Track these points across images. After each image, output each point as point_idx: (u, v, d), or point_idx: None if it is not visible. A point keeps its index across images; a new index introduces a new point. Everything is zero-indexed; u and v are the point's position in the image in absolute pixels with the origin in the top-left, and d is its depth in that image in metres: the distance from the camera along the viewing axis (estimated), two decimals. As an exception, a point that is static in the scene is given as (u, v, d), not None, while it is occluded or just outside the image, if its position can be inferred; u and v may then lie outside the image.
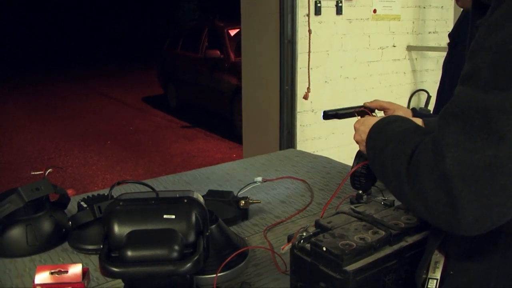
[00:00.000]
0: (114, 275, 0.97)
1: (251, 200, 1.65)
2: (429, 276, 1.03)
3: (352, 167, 1.61)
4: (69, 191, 1.71)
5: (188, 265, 0.96)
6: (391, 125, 1.04)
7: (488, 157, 0.76)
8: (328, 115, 1.68)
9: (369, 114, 1.62)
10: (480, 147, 0.76)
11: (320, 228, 1.13)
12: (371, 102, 1.65)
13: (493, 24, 0.80)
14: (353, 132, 1.35)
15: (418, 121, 1.33)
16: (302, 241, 1.08)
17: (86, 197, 1.57)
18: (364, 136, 1.15)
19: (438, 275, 1.02)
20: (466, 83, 0.82)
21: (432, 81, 5.13)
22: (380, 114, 1.62)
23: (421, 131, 0.96)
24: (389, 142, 0.97)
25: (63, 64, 16.57)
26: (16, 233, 1.44)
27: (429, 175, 0.81)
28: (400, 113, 1.60)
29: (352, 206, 1.24)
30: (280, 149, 4.24)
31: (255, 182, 1.87)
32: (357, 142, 1.32)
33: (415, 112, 1.62)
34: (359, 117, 1.53)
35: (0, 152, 7.06)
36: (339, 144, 4.58)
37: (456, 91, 0.84)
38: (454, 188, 0.77)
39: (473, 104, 0.79)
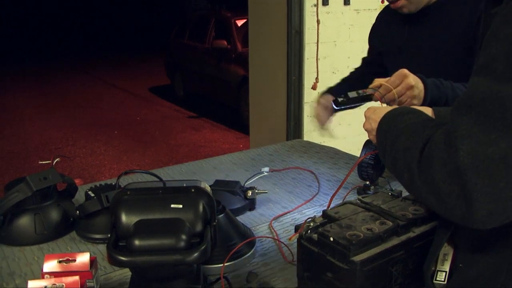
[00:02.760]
0: (121, 264, 0.97)
1: (258, 190, 1.65)
2: (438, 269, 1.02)
3: (360, 157, 1.60)
4: (77, 181, 1.72)
5: (195, 254, 0.96)
6: (403, 116, 1.03)
7: (503, 149, 0.75)
8: (339, 103, 1.58)
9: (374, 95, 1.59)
10: (494, 139, 0.75)
11: (328, 218, 1.13)
12: (382, 79, 1.62)
13: (510, 14, 0.79)
14: (360, 123, 1.34)
15: (428, 111, 1.32)
16: (309, 231, 1.08)
17: (93, 186, 1.58)
18: (374, 125, 1.14)
19: (447, 267, 1.01)
20: (480, 74, 0.80)
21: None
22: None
23: (433, 123, 0.94)
24: (401, 134, 0.96)
25: (70, 54, 16.56)
26: (25, 222, 1.45)
27: (442, 167, 0.80)
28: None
29: (360, 197, 1.24)
30: (287, 139, 4.24)
31: (262, 173, 1.87)
32: (367, 131, 1.31)
33: (423, 78, 1.60)
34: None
35: (8, 141, 7.09)
36: (346, 135, 4.57)
37: (470, 82, 0.83)
38: (468, 181, 0.76)
39: (487, 95, 0.77)
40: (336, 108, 1.61)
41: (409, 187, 0.92)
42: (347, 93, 1.59)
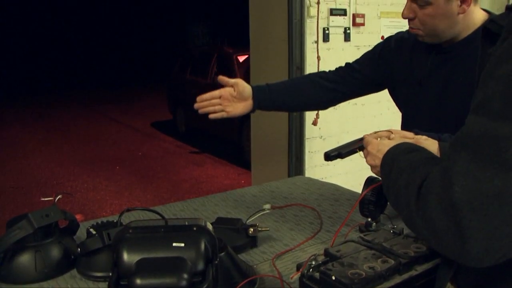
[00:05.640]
0: (123, 303, 0.97)
1: (259, 227, 1.65)
2: None
3: (361, 194, 1.61)
4: (78, 216, 1.72)
5: (197, 293, 0.96)
6: (405, 155, 1.04)
7: (497, 186, 0.75)
8: (330, 156, 1.60)
9: None
10: (489, 176, 0.76)
11: (329, 256, 1.13)
12: (370, 134, 1.62)
13: (504, 54, 0.81)
14: (362, 159, 1.35)
15: (435, 144, 1.32)
16: (311, 269, 1.08)
17: (95, 223, 1.58)
18: (378, 162, 1.15)
19: None
20: (477, 112, 0.82)
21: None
22: None
23: (435, 161, 0.96)
24: (403, 171, 0.97)
25: (72, 88, 16.72)
26: (25, 259, 1.44)
27: (438, 204, 0.80)
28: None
29: (361, 234, 1.24)
30: (289, 175, 4.24)
31: (264, 209, 1.87)
32: (370, 166, 1.31)
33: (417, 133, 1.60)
34: (360, 152, 1.52)
35: (10, 176, 7.10)
36: (347, 171, 4.57)
37: (467, 120, 0.84)
38: (463, 218, 0.77)
39: (484, 133, 0.79)
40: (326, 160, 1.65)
41: (408, 223, 0.93)
42: (340, 150, 1.60)
